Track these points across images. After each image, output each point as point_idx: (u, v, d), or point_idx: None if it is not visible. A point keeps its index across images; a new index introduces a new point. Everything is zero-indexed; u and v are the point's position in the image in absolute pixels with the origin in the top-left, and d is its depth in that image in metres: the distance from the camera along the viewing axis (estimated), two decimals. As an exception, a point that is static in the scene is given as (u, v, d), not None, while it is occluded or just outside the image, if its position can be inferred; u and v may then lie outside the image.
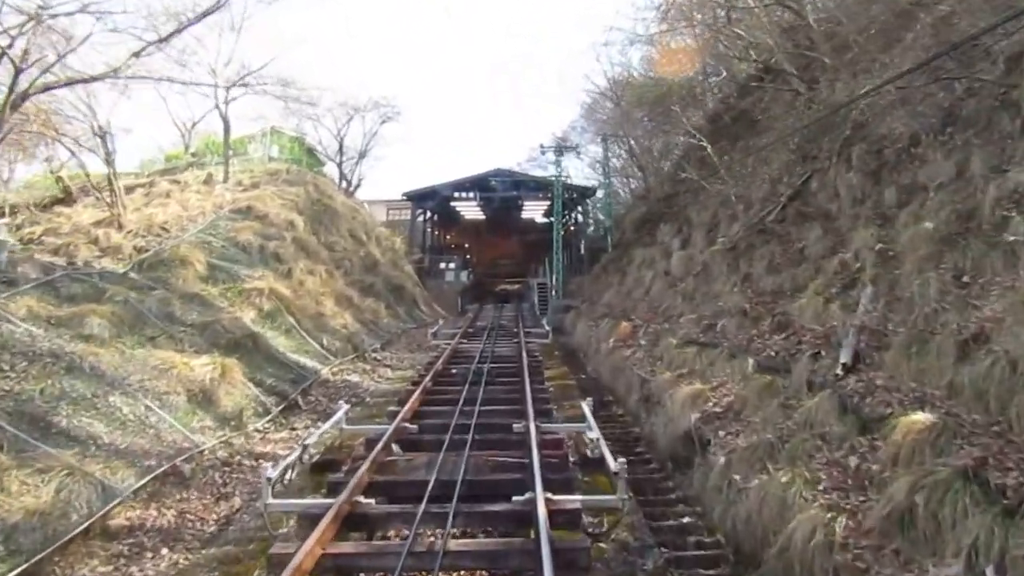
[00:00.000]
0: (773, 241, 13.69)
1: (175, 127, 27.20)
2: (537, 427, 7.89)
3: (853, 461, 5.27)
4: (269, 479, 5.86)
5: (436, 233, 42.62)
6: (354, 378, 12.77)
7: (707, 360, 10.27)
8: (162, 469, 6.48)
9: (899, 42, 15.46)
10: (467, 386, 10.91)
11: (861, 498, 4.78)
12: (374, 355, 15.74)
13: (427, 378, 11.45)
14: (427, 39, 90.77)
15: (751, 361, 8.83)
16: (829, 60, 18.05)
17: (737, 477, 6.31)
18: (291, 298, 13.84)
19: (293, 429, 9.29)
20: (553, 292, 26.10)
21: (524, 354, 14.58)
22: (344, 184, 31.14)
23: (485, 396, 10.15)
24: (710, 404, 8.34)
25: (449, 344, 16.63)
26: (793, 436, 6.31)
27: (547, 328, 18.24)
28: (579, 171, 39.96)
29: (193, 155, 26.99)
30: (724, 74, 22.70)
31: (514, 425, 8.26)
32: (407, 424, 8.42)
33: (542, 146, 26.38)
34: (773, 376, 7.83)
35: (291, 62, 61.03)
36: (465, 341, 17.90)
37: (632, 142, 26.00)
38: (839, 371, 6.73)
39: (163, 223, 16.17)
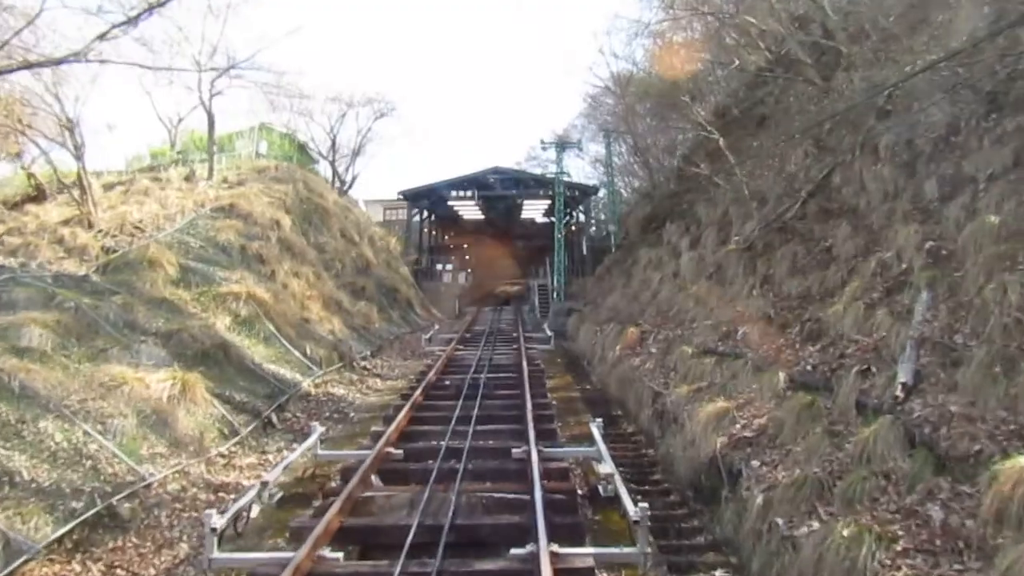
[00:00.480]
0: (794, 240, 12.68)
1: (161, 123, 26.09)
2: (540, 453, 6.88)
3: (936, 513, 4.22)
4: (214, 529, 4.81)
5: (434, 233, 41.60)
6: (339, 391, 11.73)
7: (728, 372, 9.24)
8: (92, 511, 5.44)
9: (925, 23, 14.47)
10: (461, 400, 9.89)
11: (958, 567, 3.73)
12: (363, 364, 14.70)
13: (418, 391, 10.43)
14: (424, 36, 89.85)
15: (782, 376, 7.80)
16: (846, 48, 17.07)
17: (780, 521, 5.28)
18: (272, 303, 12.79)
19: (264, 452, 8.24)
20: (554, 294, 25.07)
21: (524, 362, 13.56)
22: (337, 182, 30.08)
23: (481, 412, 9.13)
24: (738, 426, 7.30)
25: (444, 351, 15.62)
26: (847, 472, 5.27)
27: (549, 333, 17.21)
28: (580, 170, 39.01)
29: (179, 152, 25.93)
30: (733, 65, 21.66)
31: (513, 450, 7.24)
32: (391, 449, 7.38)
33: (542, 142, 25.45)
34: (812, 395, 6.79)
35: (282, 56, 59.59)
36: (462, 347, 16.88)
37: (634, 139, 24.95)
38: (898, 392, 5.68)
39: (138, 222, 15.13)
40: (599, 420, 7.68)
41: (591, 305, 22.30)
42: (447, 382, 11.83)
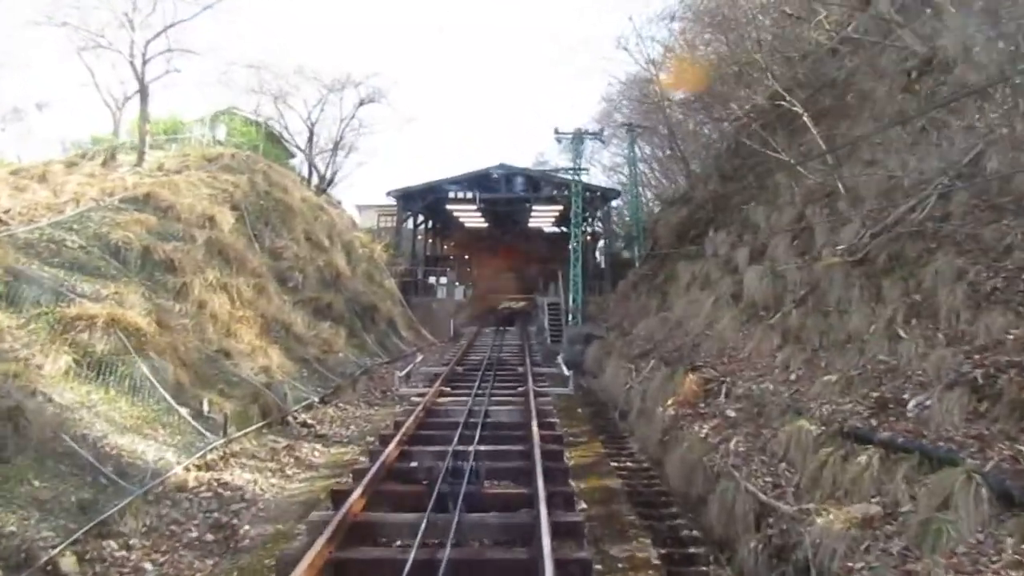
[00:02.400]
0: (946, 248, 8.52)
1: (106, 107, 22.12)
2: None
3: None
4: None
5: (431, 242, 37.50)
6: (242, 476, 7.48)
7: (927, 492, 4.95)
8: None
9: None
10: (432, 503, 5.74)
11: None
12: (304, 418, 10.46)
13: (365, 480, 6.25)
14: (427, 34, 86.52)
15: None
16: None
17: None
18: (155, 331, 8.60)
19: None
20: (569, 316, 20.81)
21: (534, 421, 9.31)
22: (316, 179, 26.14)
23: (463, 532, 4.93)
24: None
25: (422, 398, 11.37)
26: None
27: (566, 372, 12.91)
28: (592, 178, 34.55)
29: (123, 141, 21.95)
30: (799, 34, 17.58)
31: None
32: None
33: (557, 132, 21.31)
34: None
35: (257, 32, 54.64)
36: (448, 390, 12.61)
37: (670, 130, 20.83)
38: None
39: (3, 212, 11.03)
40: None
41: (616, 331, 18.02)
42: (414, 464, 7.59)
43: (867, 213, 11.44)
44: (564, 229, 43.08)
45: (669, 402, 9.92)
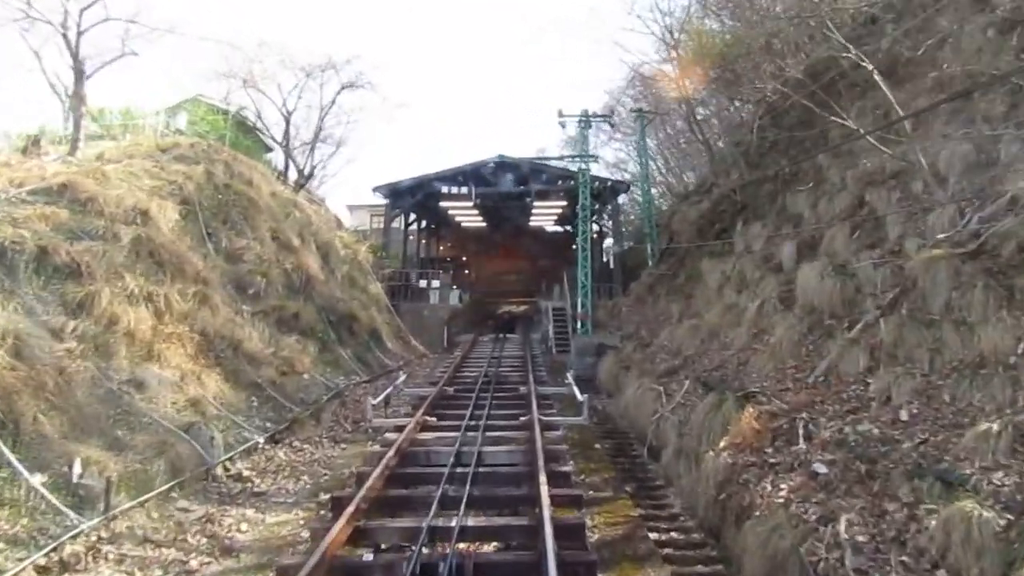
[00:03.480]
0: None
1: (54, 93, 19.68)
2: None
3: None
4: None
5: (423, 243, 35.10)
6: (111, 579, 5.04)
7: None
8: None
9: None
10: None
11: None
12: (238, 469, 8.04)
13: None
14: (419, 20, 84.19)
15: None
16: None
17: None
18: (5, 366, 6.15)
19: None
20: (579, 324, 18.35)
21: (542, 473, 6.91)
22: (296, 175, 23.75)
23: None
24: None
25: (399, 433, 8.98)
26: None
27: (579, 396, 10.46)
28: (595, 173, 31.71)
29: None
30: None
31: None
32: None
33: (560, 114, 18.83)
34: None
35: (229, 16, 51.36)
36: (433, 421, 10.21)
37: (689, 111, 18.39)
38: None
39: None
40: None
41: (634, 341, 15.57)
42: (367, 558, 5.18)
43: (957, 193, 9.08)
44: (568, 228, 40.77)
45: (721, 444, 7.47)
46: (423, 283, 24.35)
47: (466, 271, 44.90)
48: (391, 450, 8.19)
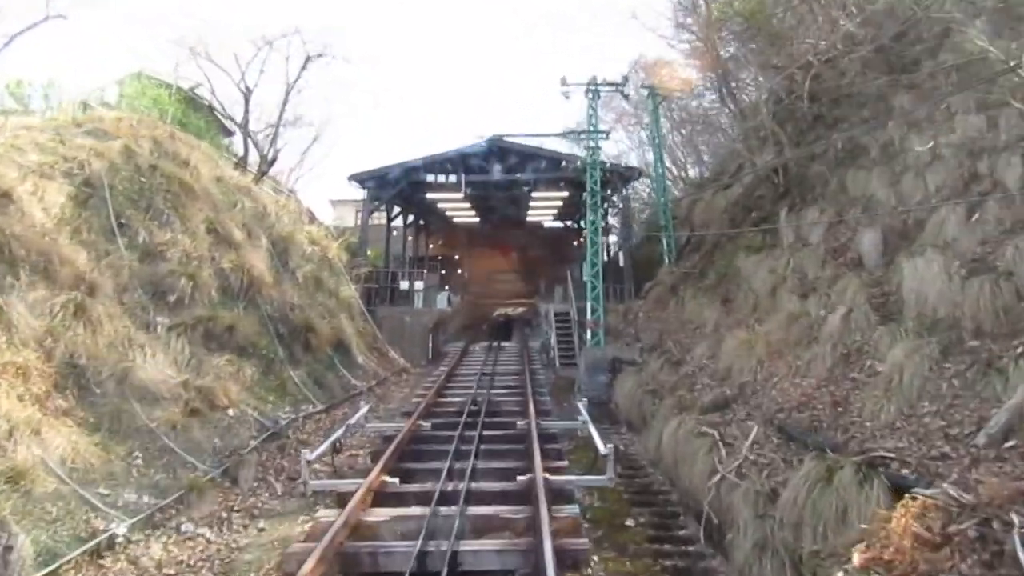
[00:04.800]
0: None
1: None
2: None
3: None
4: None
5: (410, 239, 32.03)
6: None
7: None
8: None
9: None
10: None
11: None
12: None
13: None
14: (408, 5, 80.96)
15: None
16: None
17: None
18: None
19: None
20: (588, 334, 15.30)
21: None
22: (260, 161, 20.66)
23: None
24: None
25: (341, 511, 5.99)
26: None
27: (599, 442, 7.42)
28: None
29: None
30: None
31: None
32: None
33: (564, 82, 15.73)
34: None
35: None
36: (394, 483, 7.21)
37: (720, 77, 15.33)
38: None
39: None
40: None
41: (659, 356, 12.56)
42: None
43: None
44: (568, 223, 37.76)
45: (856, 558, 4.46)
46: (405, 284, 21.31)
47: (458, 270, 41.91)
48: (322, 543, 5.21)
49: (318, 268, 18.18)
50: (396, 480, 7.31)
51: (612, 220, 26.94)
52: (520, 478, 7.18)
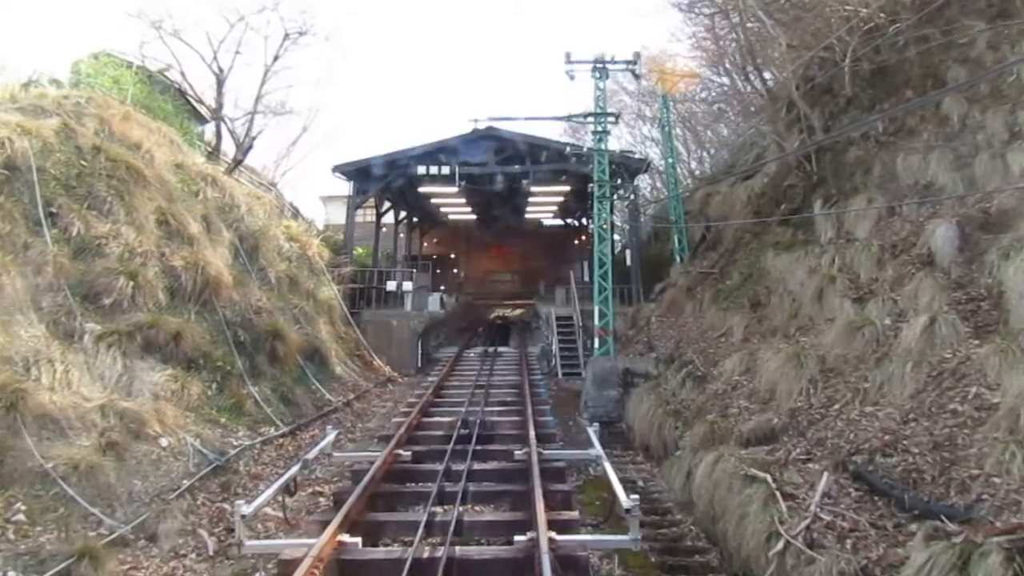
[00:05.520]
0: None
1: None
2: None
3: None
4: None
5: (400, 236, 30.36)
6: None
7: None
8: None
9: None
10: None
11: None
12: None
13: None
14: None
15: None
16: None
17: None
18: None
19: None
20: (595, 342, 13.63)
21: None
22: (235, 148, 18.97)
23: None
24: None
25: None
26: None
27: (620, 494, 5.72)
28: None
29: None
30: None
31: None
32: None
33: (568, 59, 13.97)
34: None
35: None
36: (354, 545, 5.51)
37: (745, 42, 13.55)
38: None
39: None
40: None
41: (679, 369, 10.89)
42: None
43: None
44: (569, 221, 36.07)
45: None
46: (391, 285, 19.58)
47: (454, 270, 40.26)
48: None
49: (298, 267, 16.53)
50: (358, 541, 5.65)
51: (615, 218, 25.31)
52: (519, 538, 5.54)
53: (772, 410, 7.56)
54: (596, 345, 13.35)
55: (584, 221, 33.73)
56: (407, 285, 19.51)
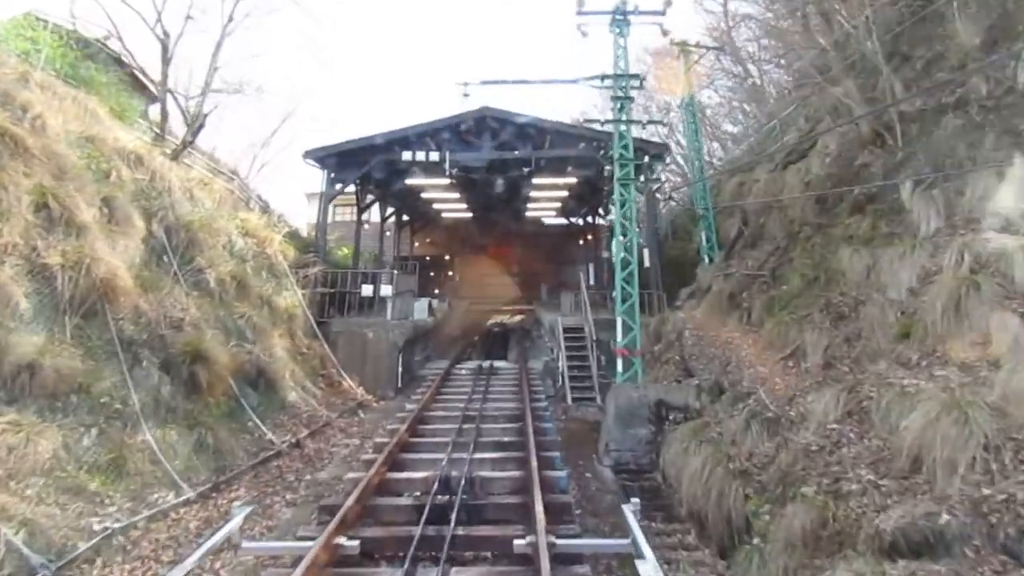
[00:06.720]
0: None
1: None
2: None
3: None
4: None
5: (387, 234, 27.56)
6: None
7: None
8: None
9: None
10: None
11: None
12: None
13: None
14: None
15: None
16: None
17: None
18: None
19: None
20: (617, 366, 10.82)
21: None
22: (187, 130, 16.18)
23: None
24: None
25: None
26: None
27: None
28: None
29: None
30: None
31: None
32: None
33: (580, 7, 11.26)
34: None
35: None
36: None
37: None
38: None
39: None
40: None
41: (738, 404, 8.09)
42: None
43: None
44: (573, 220, 33.20)
45: None
46: (366, 289, 16.77)
47: (448, 272, 37.47)
48: None
49: (254, 268, 13.76)
50: None
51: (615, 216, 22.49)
52: None
53: (927, 492, 4.78)
54: (620, 369, 10.54)
55: (590, 219, 31.04)
56: (386, 289, 16.66)
